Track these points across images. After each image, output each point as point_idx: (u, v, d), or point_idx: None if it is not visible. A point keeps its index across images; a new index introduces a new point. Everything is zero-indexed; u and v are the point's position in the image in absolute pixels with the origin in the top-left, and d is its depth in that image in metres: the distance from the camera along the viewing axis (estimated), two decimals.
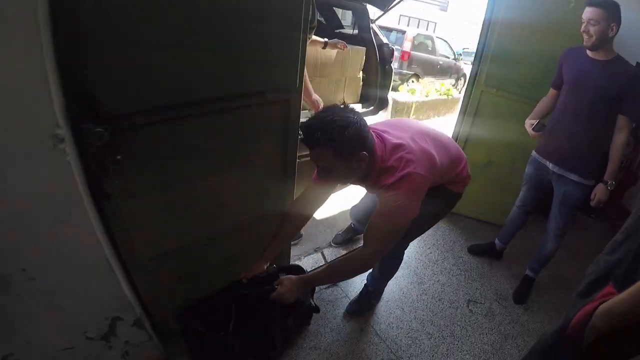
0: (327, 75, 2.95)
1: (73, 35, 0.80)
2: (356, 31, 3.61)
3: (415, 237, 1.72)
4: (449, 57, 8.67)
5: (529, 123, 2.05)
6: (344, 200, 2.89)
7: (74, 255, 0.97)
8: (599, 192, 1.87)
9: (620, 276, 0.87)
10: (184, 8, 0.95)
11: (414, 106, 5.70)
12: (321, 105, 2.22)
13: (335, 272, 1.36)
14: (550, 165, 2.03)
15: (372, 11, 3.61)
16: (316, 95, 2.27)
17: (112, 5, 0.83)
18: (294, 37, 1.26)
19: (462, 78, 8.96)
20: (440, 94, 6.61)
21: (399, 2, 3.29)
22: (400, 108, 5.48)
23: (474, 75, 2.57)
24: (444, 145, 1.48)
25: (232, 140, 1.26)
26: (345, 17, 4.23)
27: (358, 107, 3.30)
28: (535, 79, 2.40)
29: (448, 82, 8.01)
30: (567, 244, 2.07)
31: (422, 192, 1.27)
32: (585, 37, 1.76)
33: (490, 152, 2.70)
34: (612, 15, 1.68)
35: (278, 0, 1.16)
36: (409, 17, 16.42)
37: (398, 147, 1.28)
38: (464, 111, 2.69)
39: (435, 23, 18.72)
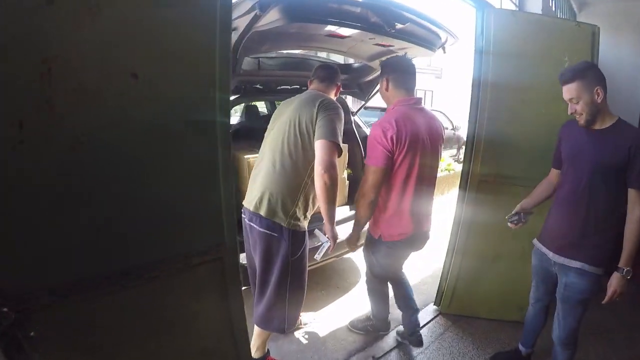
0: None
1: None
2: None
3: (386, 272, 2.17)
4: (447, 128, 8.80)
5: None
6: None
7: None
8: (615, 283, 1.55)
9: None
10: (78, 179, 0.93)
11: None
12: (333, 245, 1.87)
13: (357, 217, 1.93)
14: (550, 255, 1.76)
15: (354, 101, 3.43)
16: (335, 230, 1.83)
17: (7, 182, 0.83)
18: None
19: (462, 147, 8.98)
20: (441, 170, 6.07)
21: (377, 91, 3.18)
22: None
23: (468, 165, 2.39)
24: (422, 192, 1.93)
25: (160, 309, 1.15)
26: None
27: (346, 210, 3.01)
28: (535, 158, 2.20)
29: (447, 154, 7.86)
30: (588, 318, 1.70)
31: (378, 140, 1.74)
32: (576, 117, 1.59)
33: (497, 244, 2.43)
34: (591, 80, 1.52)
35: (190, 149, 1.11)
36: None
37: (390, 118, 1.77)
38: (462, 200, 2.46)
39: (432, 91, 19.22)
